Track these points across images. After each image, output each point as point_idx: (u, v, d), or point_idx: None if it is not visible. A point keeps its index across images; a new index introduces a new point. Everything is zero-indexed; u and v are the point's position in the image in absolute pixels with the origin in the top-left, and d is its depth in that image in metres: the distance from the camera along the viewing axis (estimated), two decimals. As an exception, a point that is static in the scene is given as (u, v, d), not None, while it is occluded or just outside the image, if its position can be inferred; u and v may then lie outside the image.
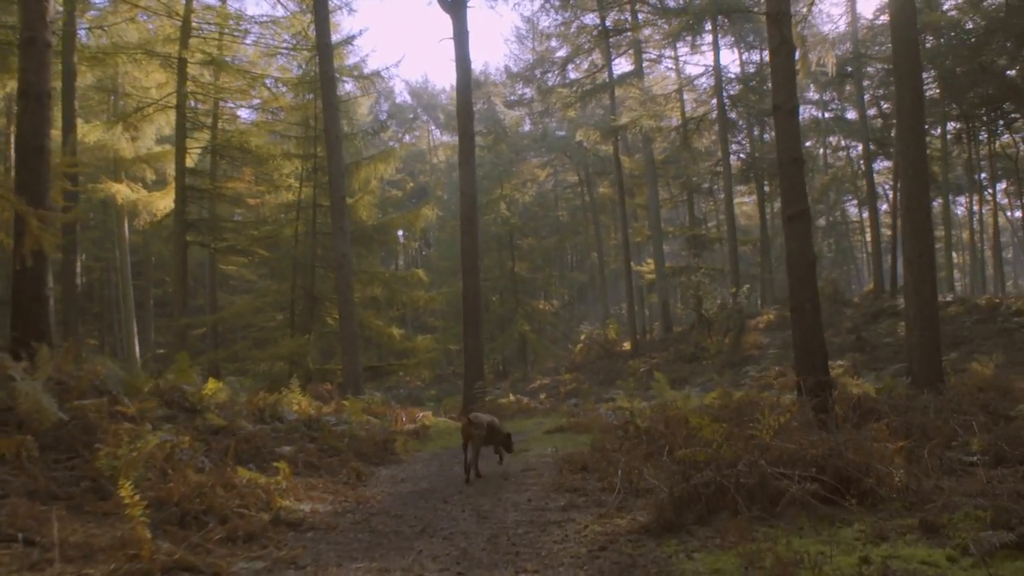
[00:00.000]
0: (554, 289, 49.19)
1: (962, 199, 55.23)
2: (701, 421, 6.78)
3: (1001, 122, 46.01)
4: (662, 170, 38.80)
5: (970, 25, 39.35)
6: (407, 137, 58.53)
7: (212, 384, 10.90)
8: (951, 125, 48.17)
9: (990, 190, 50.79)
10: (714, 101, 37.39)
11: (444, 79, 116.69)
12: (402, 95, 57.30)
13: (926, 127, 45.44)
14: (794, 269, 11.32)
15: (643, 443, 8.94)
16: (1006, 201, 56.68)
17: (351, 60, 28.08)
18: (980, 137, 46.43)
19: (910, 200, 16.12)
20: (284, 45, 27.11)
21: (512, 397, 25.30)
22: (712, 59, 37.25)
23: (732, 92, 36.57)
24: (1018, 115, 43.68)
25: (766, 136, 40.59)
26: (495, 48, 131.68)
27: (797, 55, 33.81)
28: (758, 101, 36.75)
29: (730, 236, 33.09)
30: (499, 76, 46.51)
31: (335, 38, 26.17)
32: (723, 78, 35.45)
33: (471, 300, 22.63)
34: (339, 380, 20.53)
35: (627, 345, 36.23)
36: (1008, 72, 38.82)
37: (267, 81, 26.67)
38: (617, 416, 13.46)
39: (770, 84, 35.35)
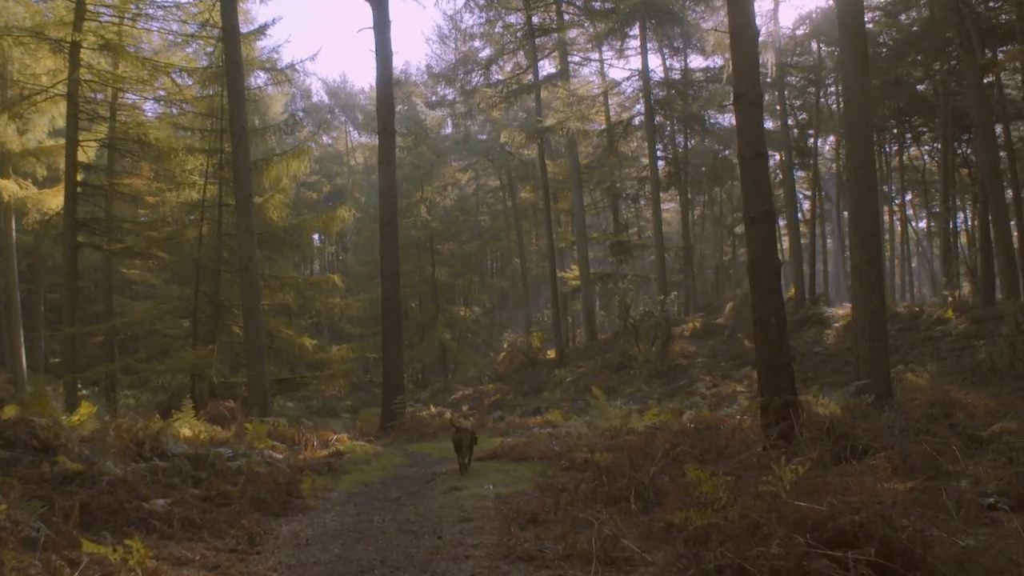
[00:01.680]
0: (475, 296, 47.56)
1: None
2: (700, 474, 5.19)
3: (909, 135, 46.36)
4: (587, 175, 37.54)
5: (883, 39, 39.35)
6: (324, 138, 56.12)
7: (83, 410, 8.94)
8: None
9: (897, 201, 51.30)
10: (638, 106, 36.41)
11: (363, 79, 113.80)
12: (319, 94, 55.06)
13: (839, 140, 45.50)
14: (757, 277, 9.92)
15: (603, 483, 7.34)
16: (911, 212, 57.32)
17: (263, 52, 26.01)
18: (889, 150, 46.64)
19: (858, 205, 14.98)
20: (190, 32, 24.84)
21: (433, 409, 23.55)
22: (638, 64, 36.20)
23: (659, 96, 35.55)
24: (926, 129, 43.93)
25: (691, 142, 39.76)
26: (416, 48, 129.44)
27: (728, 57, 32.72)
28: (684, 107, 35.88)
29: (657, 242, 31.98)
30: (420, 76, 44.83)
31: (247, 28, 24.11)
32: (650, 82, 34.39)
33: (391, 307, 20.82)
34: (245, 395, 18.50)
35: (551, 353, 34.81)
36: (919, 87, 38.87)
37: (172, 72, 24.35)
38: (558, 440, 11.86)
39: (694, 91, 34.34)
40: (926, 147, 49.46)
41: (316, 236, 54.99)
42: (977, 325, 25.60)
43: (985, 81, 33.19)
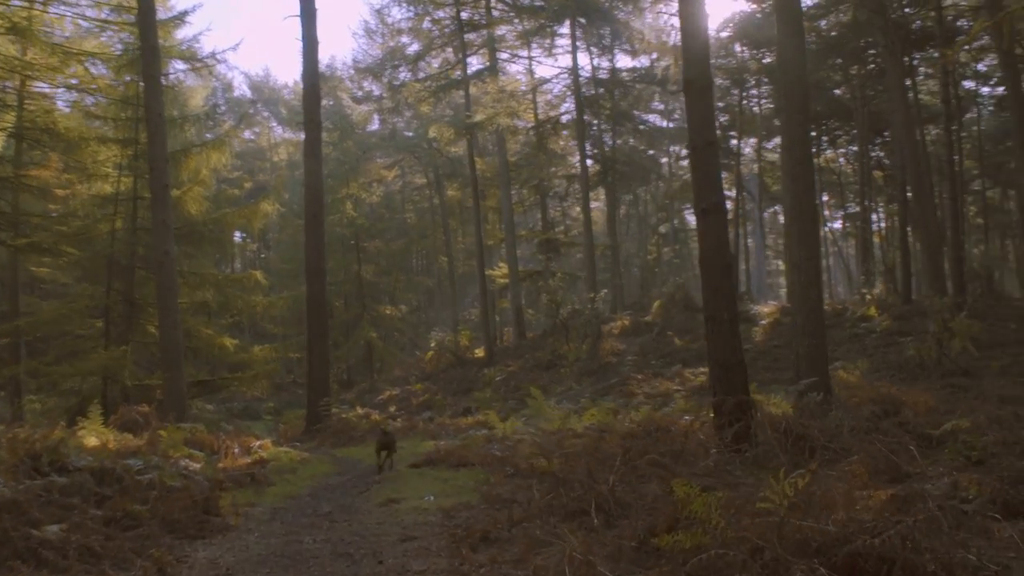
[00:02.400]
0: (401, 294, 46.45)
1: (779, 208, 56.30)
2: (689, 491, 4.51)
3: (826, 138, 47.08)
4: (515, 173, 36.92)
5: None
6: (246, 133, 54.16)
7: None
8: (779, 139, 49.13)
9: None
10: (567, 104, 36.04)
11: (287, 74, 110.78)
12: (241, 88, 53.09)
13: (760, 141, 45.96)
14: (709, 271, 9.38)
15: (560, 494, 6.62)
16: (827, 213, 58.33)
17: (183, 41, 24.54)
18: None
19: (797, 202, 14.67)
20: (104, 18, 23.28)
21: (360, 410, 22.59)
22: (567, 62, 35.78)
23: (588, 94, 35.14)
24: (842, 132, 44.68)
25: (618, 142, 39.50)
26: (342, 42, 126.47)
27: (667, 62, 32.50)
28: (613, 105, 35.58)
29: (586, 240, 31.53)
30: (346, 71, 43.48)
31: (165, 15, 22.75)
32: (580, 80, 33.95)
33: (316, 305, 19.83)
34: (161, 398, 17.25)
35: (480, 352, 34.08)
36: (835, 91, 39.39)
37: (87, 60, 22.76)
38: (499, 444, 11.13)
39: (623, 90, 33.96)
40: (842, 150, 50.48)
41: (238, 234, 53.23)
42: (900, 322, 25.83)
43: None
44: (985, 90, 40.62)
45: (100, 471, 7.51)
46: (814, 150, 49.96)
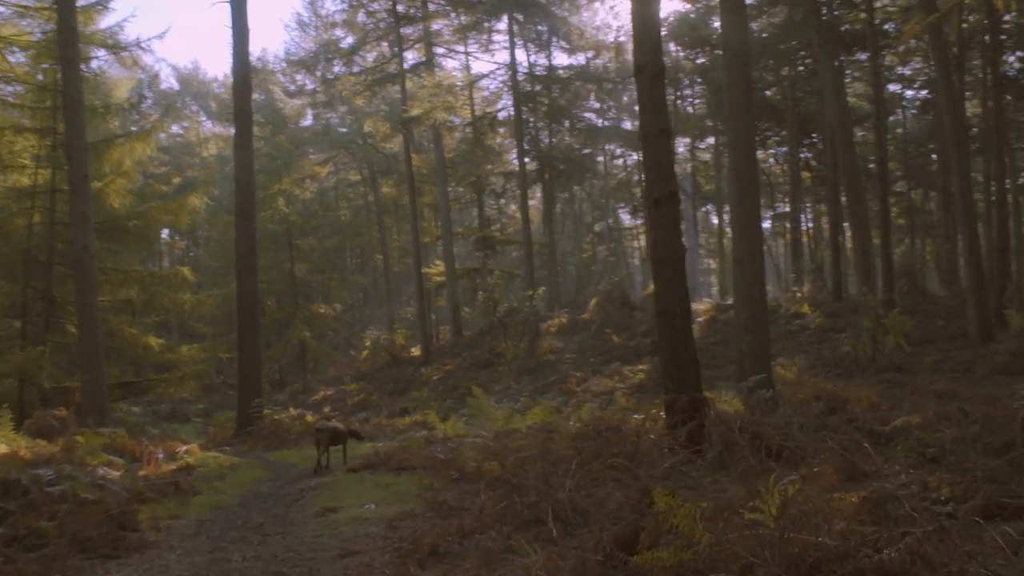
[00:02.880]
0: (335, 293, 45.35)
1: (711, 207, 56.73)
2: (672, 502, 4.03)
3: (757, 139, 47.54)
4: (451, 170, 36.27)
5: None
6: (174, 127, 52.29)
7: None
8: (712, 139, 49.52)
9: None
10: (504, 100, 35.57)
11: (217, 67, 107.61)
12: (168, 81, 51.16)
13: (694, 141, 46.18)
14: (661, 264, 8.98)
15: (513, 502, 6.09)
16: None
17: (106, 29, 23.29)
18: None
19: (741, 197, 14.46)
20: (23, 2, 21.94)
21: (293, 411, 21.73)
22: (504, 57, 35.26)
23: (525, 91, 34.69)
24: (771, 133, 45.13)
25: (554, 140, 39.18)
26: (273, 34, 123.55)
27: (604, 60, 32.13)
28: (551, 102, 35.22)
29: (525, 237, 31.09)
30: (278, 64, 42.18)
31: (85, 1, 21.56)
32: (518, 76, 33.49)
33: (247, 302, 18.96)
34: (81, 401, 16.22)
35: (416, 351, 33.38)
36: (766, 92, 39.71)
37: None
38: (441, 445, 10.56)
39: (560, 87, 33.54)
40: (772, 151, 51.08)
41: (166, 232, 51.37)
42: (832, 319, 26.03)
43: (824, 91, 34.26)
44: (909, 93, 41.57)
45: (4, 483, 6.74)
46: (727, 158, 50.65)
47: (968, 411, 10.32)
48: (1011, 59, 32.64)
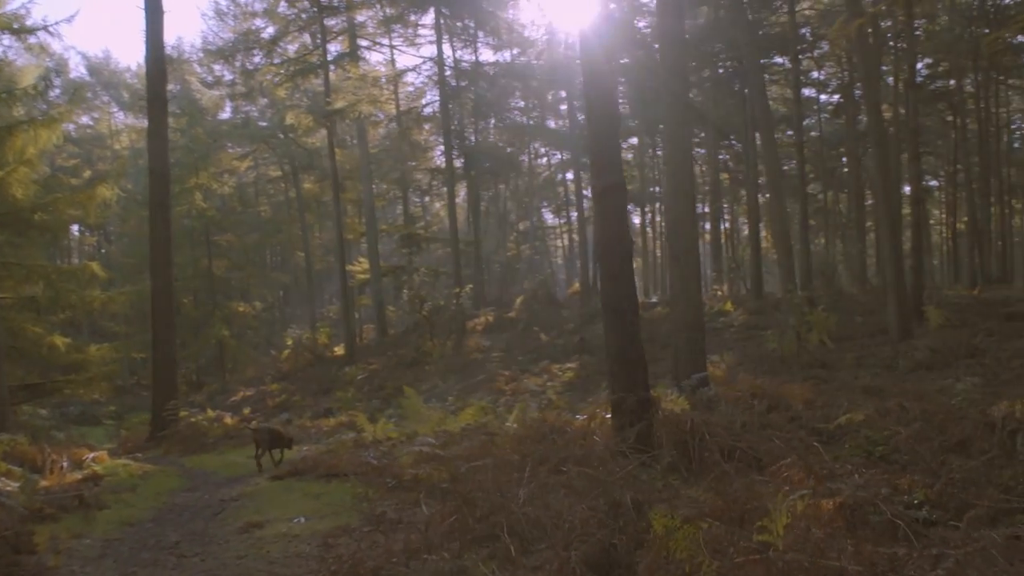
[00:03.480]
0: (255, 291, 43.83)
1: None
2: (670, 523, 3.49)
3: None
4: (376, 166, 35.32)
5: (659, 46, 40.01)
6: (84, 118, 49.73)
7: None
8: (634, 140, 49.68)
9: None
10: (429, 94, 34.83)
11: (129, 56, 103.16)
12: (79, 70, 48.57)
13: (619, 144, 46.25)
14: (608, 258, 8.50)
15: (465, 514, 5.49)
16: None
17: (10, 11, 21.69)
18: (654, 154, 47.91)
19: (676, 192, 14.17)
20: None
21: (211, 413, 20.60)
22: (429, 52, 34.52)
23: (451, 86, 33.99)
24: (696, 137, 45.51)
25: (478, 138, 38.57)
26: (190, 24, 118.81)
27: (532, 56, 31.48)
28: (478, 98, 34.60)
29: (452, 234, 30.42)
30: (195, 54, 40.39)
31: (-16, -19, 20.04)
32: (445, 71, 32.77)
33: (162, 300, 17.87)
34: (-21, 405, 14.92)
35: (339, 350, 32.36)
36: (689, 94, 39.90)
37: None
38: (373, 450, 9.88)
39: (486, 84, 32.95)
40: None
41: (76, 227, 48.84)
42: (755, 316, 26.19)
43: (747, 91, 34.59)
44: (823, 97, 42.41)
45: None
46: (662, 153, 50.94)
47: (907, 407, 10.15)
48: (920, 66, 33.60)
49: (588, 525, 4.65)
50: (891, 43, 30.06)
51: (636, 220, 62.21)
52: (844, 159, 44.11)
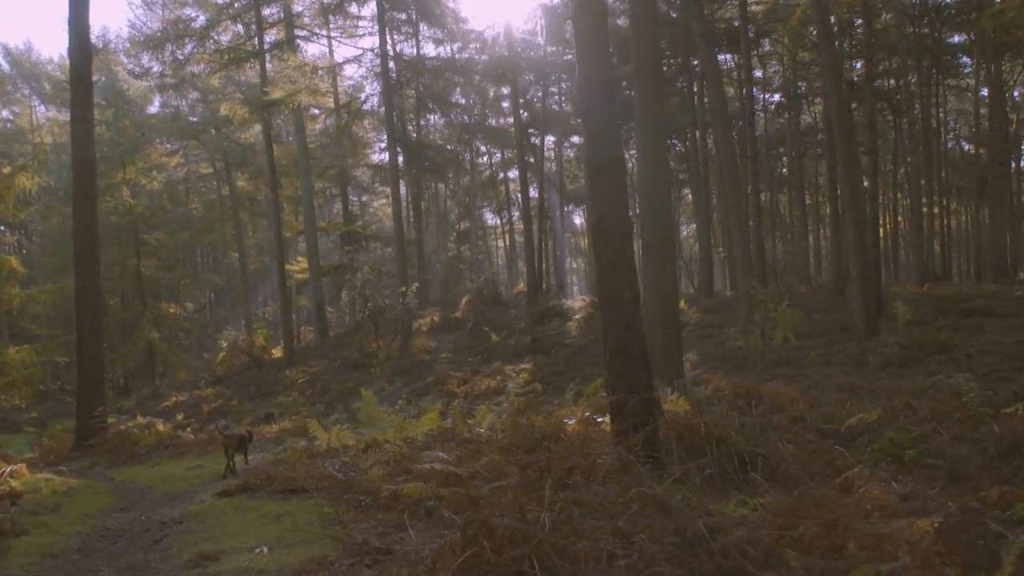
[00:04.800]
0: (186, 291, 41.80)
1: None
2: None
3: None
4: (314, 162, 33.81)
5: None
6: (4, 112, 47.06)
7: None
8: (576, 139, 49.03)
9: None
10: (369, 88, 33.52)
11: (52, 48, 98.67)
12: (-2, 63, 45.77)
13: (560, 139, 45.44)
14: (606, 241, 7.52)
15: (482, 545, 4.41)
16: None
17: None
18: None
19: (653, 179, 13.35)
20: None
21: (142, 420, 19.03)
22: (369, 44, 33.18)
23: (393, 80, 32.69)
24: (634, 134, 44.99)
25: (423, 131, 37.37)
26: (116, 13, 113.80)
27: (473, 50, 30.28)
28: (419, 92, 33.40)
29: (396, 232, 29.11)
30: (121, 44, 38.26)
31: None
32: (388, 63, 31.47)
33: (88, 297, 16.31)
34: None
35: (277, 353, 30.81)
36: (628, 93, 39.37)
37: None
38: (334, 461, 8.71)
39: (429, 78, 31.75)
40: (633, 151, 51.11)
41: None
42: (709, 315, 25.68)
43: (694, 88, 34.19)
44: (764, 96, 42.33)
45: None
46: (635, 136, 50.43)
47: (915, 407, 9.43)
48: (856, 65, 33.69)
49: (655, 560, 3.65)
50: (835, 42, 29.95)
51: (577, 220, 61.86)
52: (783, 159, 44.37)
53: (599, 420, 8.36)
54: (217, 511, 7.17)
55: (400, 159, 35.18)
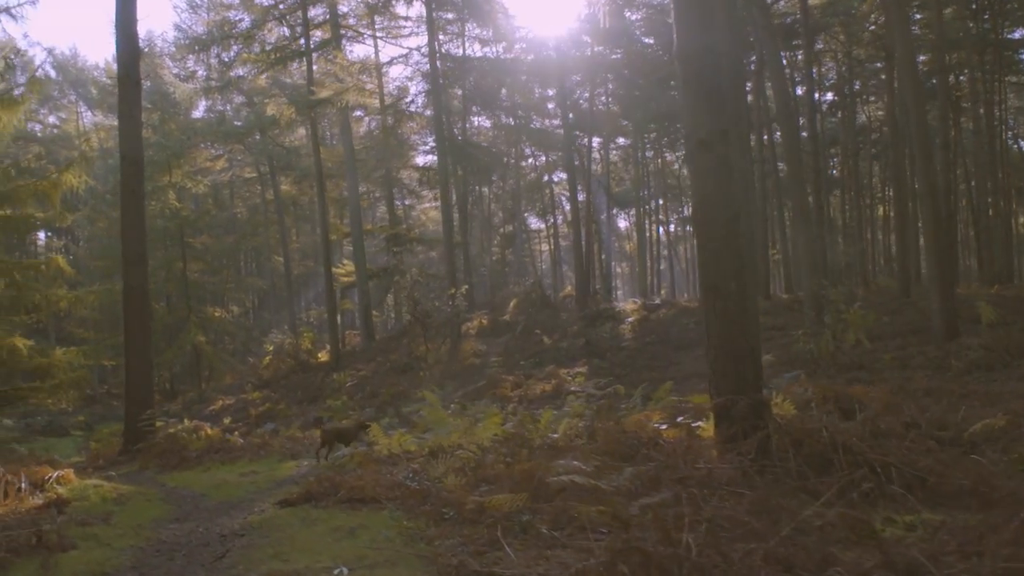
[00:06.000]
0: (231, 296, 41.64)
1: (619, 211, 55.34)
2: None
3: (666, 139, 46.42)
4: (360, 164, 33.36)
5: (650, 40, 38.52)
6: (51, 118, 47.38)
7: None
8: (622, 140, 48.18)
9: (653, 204, 51.63)
10: (415, 87, 33.02)
11: (98, 53, 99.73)
12: (44, 68, 46.05)
13: (606, 141, 44.58)
14: (709, 225, 6.74)
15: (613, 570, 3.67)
16: (663, 216, 58.01)
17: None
18: (641, 156, 46.48)
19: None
20: None
21: (189, 423, 18.54)
22: (414, 43, 32.66)
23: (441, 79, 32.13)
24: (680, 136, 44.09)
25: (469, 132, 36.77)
26: (162, 16, 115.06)
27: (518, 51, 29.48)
28: (466, 93, 32.82)
29: (446, 231, 28.50)
30: (167, 48, 38.21)
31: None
32: (427, 67, 30.92)
33: (135, 297, 15.80)
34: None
35: (323, 356, 30.32)
36: (673, 94, 38.44)
37: None
38: (403, 468, 8.01)
39: (472, 78, 31.12)
40: (679, 153, 50.14)
41: (43, 234, 46.29)
42: (771, 317, 24.64)
43: (751, 85, 33.14)
44: (816, 96, 41.09)
45: None
46: (650, 154, 49.52)
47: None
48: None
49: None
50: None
51: (622, 223, 60.76)
52: (834, 159, 43.09)
53: (694, 425, 7.58)
54: (281, 523, 6.49)
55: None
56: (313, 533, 5.94)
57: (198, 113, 41.15)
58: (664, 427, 7.54)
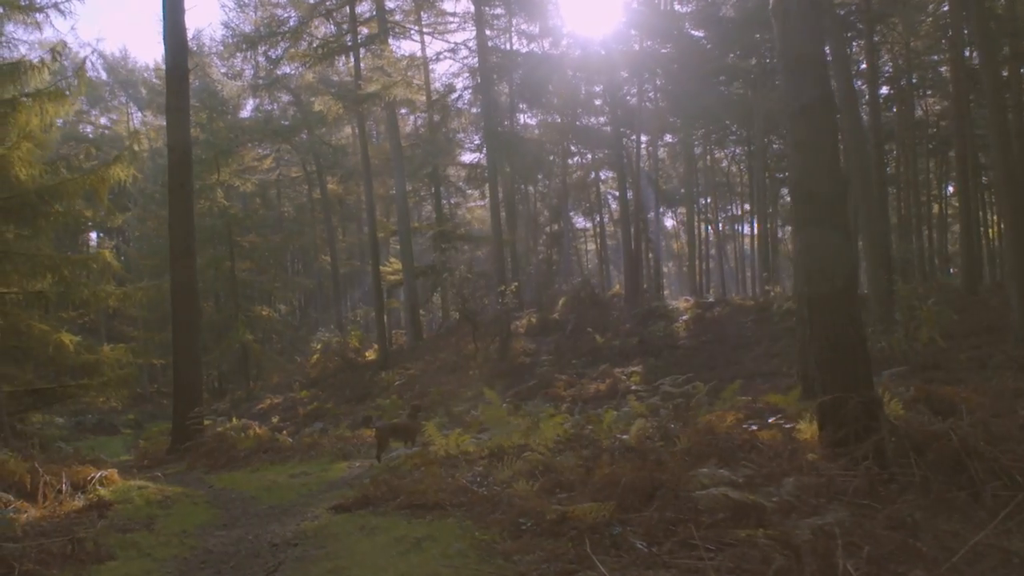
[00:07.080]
0: (278, 295, 41.46)
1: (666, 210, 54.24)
2: None
3: (715, 136, 45.24)
4: (407, 160, 32.87)
5: (700, 33, 37.44)
6: (102, 119, 47.73)
7: None
8: (669, 138, 47.16)
9: (702, 202, 50.56)
10: (462, 82, 32.45)
11: (147, 55, 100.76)
12: (95, 69, 46.37)
13: (654, 139, 43.60)
14: (812, 203, 6.00)
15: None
16: (711, 214, 56.79)
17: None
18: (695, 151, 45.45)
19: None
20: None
21: (237, 422, 18.14)
22: (460, 38, 32.09)
23: (488, 73, 31.52)
24: (732, 133, 43.01)
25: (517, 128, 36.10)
26: (209, 15, 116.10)
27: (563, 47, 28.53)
28: (512, 90, 32.17)
29: (495, 228, 27.90)
30: (215, 47, 38.14)
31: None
32: (476, 62, 30.35)
33: (184, 293, 15.48)
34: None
35: (371, 355, 29.87)
36: (722, 89, 37.36)
37: None
38: (465, 472, 7.37)
39: (519, 73, 30.40)
40: (728, 151, 48.99)
41: (94, 235, 46.65)
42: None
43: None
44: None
45: None
46: (699, 151, 48.39)
47: None
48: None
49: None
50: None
51: (669, 222, 59.60)
52: (891, 153, 41.56)
53: (788, 426, 6.83)
54: (338, 531, 5.88)
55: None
56: (374, 544, 5.31)
57: (245, 113, 41.10)
58: (755, 428, 6.80)
